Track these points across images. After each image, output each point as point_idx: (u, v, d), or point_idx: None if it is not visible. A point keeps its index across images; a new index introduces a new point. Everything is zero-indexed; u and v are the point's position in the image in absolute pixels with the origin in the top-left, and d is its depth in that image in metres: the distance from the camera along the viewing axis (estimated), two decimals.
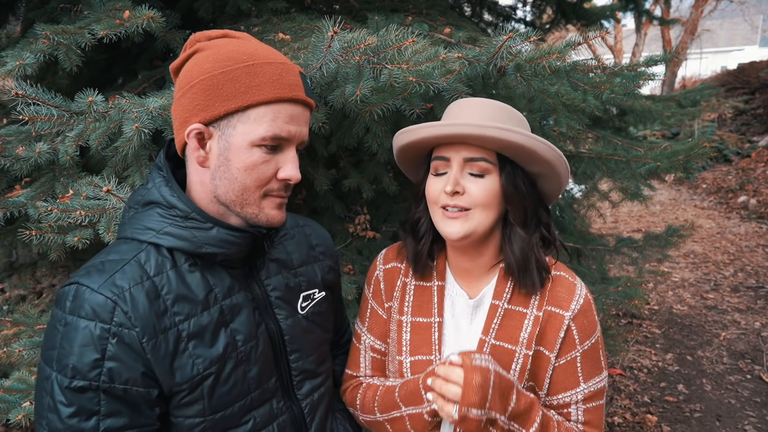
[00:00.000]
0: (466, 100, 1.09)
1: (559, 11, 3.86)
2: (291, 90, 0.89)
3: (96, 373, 0.81)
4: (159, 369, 0.86)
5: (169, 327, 0.87)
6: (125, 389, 0.83)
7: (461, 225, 1.03)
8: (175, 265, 0.90)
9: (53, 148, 1.42)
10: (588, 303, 1.10)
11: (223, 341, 0.92)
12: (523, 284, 1.08)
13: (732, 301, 5.22)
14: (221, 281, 0.94)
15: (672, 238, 2.87)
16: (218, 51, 0.88)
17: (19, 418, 1.37)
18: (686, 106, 3.55)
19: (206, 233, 0.90)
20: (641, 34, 16.60)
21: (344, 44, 1.28)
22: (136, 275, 0.87)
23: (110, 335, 0.82)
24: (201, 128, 0.88)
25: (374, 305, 1.24)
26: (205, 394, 0.90)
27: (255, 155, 0.88)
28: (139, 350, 0.84)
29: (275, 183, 0.92)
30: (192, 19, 2.03)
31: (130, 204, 0.95)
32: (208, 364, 0.90)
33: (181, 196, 0.90)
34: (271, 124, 0.87)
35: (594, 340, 1.10)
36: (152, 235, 0.89)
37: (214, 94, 0.86)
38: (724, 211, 8.78)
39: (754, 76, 12.92)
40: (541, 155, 1.01)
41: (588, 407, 1.09)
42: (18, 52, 1.40)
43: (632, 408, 3.51)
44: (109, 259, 0.88)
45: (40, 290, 2.37)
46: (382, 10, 2.12)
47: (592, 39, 1.32)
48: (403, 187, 2.21)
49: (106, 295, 0.83)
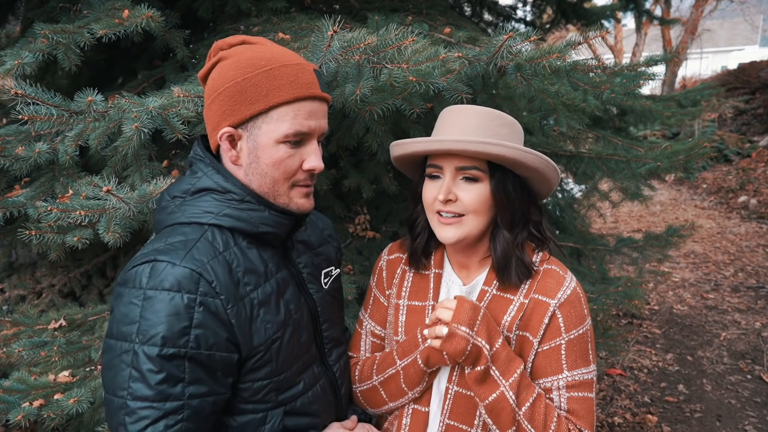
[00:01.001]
0: (457, 108, 1.13)
1: (559, 11, 3.86)
2: (308, 88, 0.97)
3: (184, 340, 0.88)
4: (241, 334, 0.95)
5: (243, 296, 0.96)
6: (210, 355, 0.91)
7: (455, 230, 1.10)
8: (236, 242, 0.99)
9: (53, 148, 1.42)
10: (576, 295, 1.13)
11: (283, 310, 1.03)
12: (503, 279, 1.14)
13: (732, 301, 5.22)
14: (271, 258, 1.04)
15: (672, 238, 2.87)
16: (239, 58, 0.97)
17: (18, 418, 1.37)
18: (686, 106, 3.56)
19: (261, 214, 1.00)
20: (641, 34, 16.60)
21: (344, 44, 1.28)
22: (210, 250, 0.95)
23: (197, 304, 0.90)
24: (231, 131, 0.98)
25: (376, 293, 1.32)
26: (273, 357, 1.00)
27: (281, 151, 0.97)
28: (224, 317, 0.92)
29: (301, 174, 1.01)
30: (191, 19, 2.03)
31: (174, 194, 1.02)
32: (276, 329, 1.00)
33: (235, 182, 1.00)
34: (293, 122, 0.96)
35: (581, 332, 1.12)
36: (212, 217, 0.98)
37: (239, 99, 0.96)
38: (725, 211, 8.78)
39: (755, 75, 12.91)
40: (527, 164, 1.06)
41: (572, 396, 1.10)
42: (17, 52, 1.40)
43: (632, 408, 3.51)
44: (176, 240, 0.95)
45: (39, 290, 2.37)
46: (382, 10, 2.12)
47: (592, 39, 1.32)
48: (403, 187, 2.21)
49: (190, 268, 0.90)
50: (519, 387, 1.05)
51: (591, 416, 1.11)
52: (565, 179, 3.46)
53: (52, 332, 1.65)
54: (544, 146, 2.52)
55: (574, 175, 2.87)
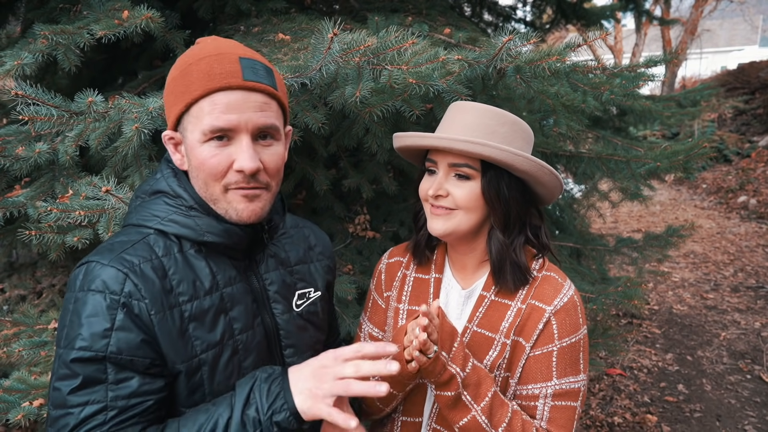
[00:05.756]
0: (460, 105, 1.14)
1: (559, 11, 3.85)
2: (222, 79, 0.87)
3: (104, 343, 0.83)
4: (165, 344, 0.89)
5: (173, 305, 0.90)
6: (132, 359, 0.86)
7: (443, 222, 1.11)
8: (181, 249, 0.94)
9: (53, 148, 1.42)
10: (573, 303, 1.13)
11: (221, 327, 0.95)
12: (500, 282, 1.14)
13: (732, 301, 5.22)
14: (223, 270, 0.97)
15: (672, 238, 2.88)
16: (176, 60, 0.95)
17: (18, 418, 1.37)
18: (686, 106, 3.55)
19: (207, 222, 0.94)
20: (641, 34, 16.60)
21: (344, 46, 1.28)
22: (146, 253, 0.90)
23: (120, 305, 0.85)
24: (171, 133, 0.95)
25: (375, 296, 1.33)
26: (205, 380, 0.93)
27: (204, 151, 0.90)
28: (147, 322, 0.87)
29: (233, 175, 0.91)
30: (192, 19, 2.03)
31: (138, 194, 1.00)
32: (206, 347, 0.93)
33: (187, 188, 0.95)
34: (209, 117, 0.88)
35: (575, 340, 1.11)
36: (157, 222, 0.94)
37: (168, 100, 0.93)
38: (724, 211, 8.78)
39: (754, 76, 12.91)
40: (515, 166, 1.06)
41: (556, 404, 1.09)
42: (16, 52, 1.40)
43: (632, 408, 3.51)
44: (117, 240, 0.92)
45: (39, 290, 2.37)
46: (382, 11, 2.12)
47: (592, 41, 1.32)
48: (403, 187, 2.21)
49: (117, 268, 0.86)
50: (491, 409, 1.04)
51: (570, 425, 1.09)
52: (565, 179, 3.46)
53: (52, 332, 1.65)
54: (544, 146, 2.52)
55: (573, 175, 2.87)
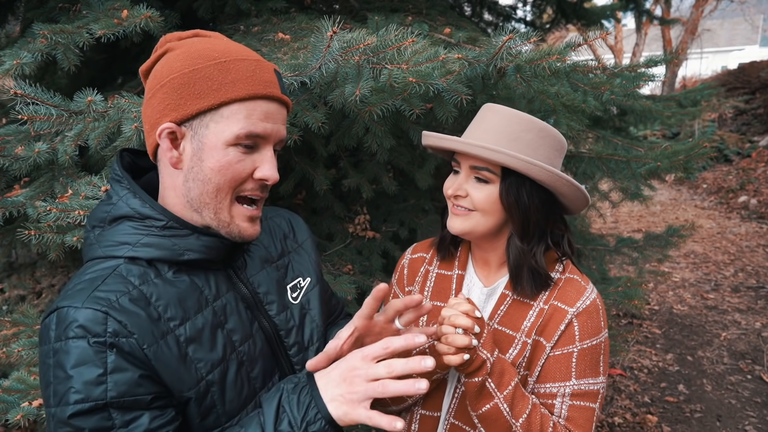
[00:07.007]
0: (489, 108, 1.15)
1: (559, 11, 3.85)
2: (266, 87, 0.86)
3: (101, 390, 0.76)
4: (165, 375, 0.82)
5: (166, 332, 0.83)
6: (136, 399, 0.79)
7: (461, 222, 1.13)
8: (159, 274, 0.87)
9: (52, 148, 1.42)
10: (595, 306, 1.13)
11: (221, 343, 0.89)
12: (517, 287, 1.15)
13: (732, 302, 5.22)
14: (208, 283, 0.91)
15: (672, 238, 2.87)
16: (189, 49, 0.86)
17: (17, 418, 1.37)
18: (686, 106, 3.55)
19: (186, 240, 0.87)
20: (641, 33, 16.59)
21: (344, 44, 1.28)
22: (121, 286, 0.82)
23: (107, 347, 0.77)
24: (173, 127, 0.84)
25: (396, 290, 1.35)
26: (217, 401, 0.88)
27: (230, 155, 0.84)
28: (142, 357, 0.80)
29: (251, 183, 0.88)
30: (191, 19, 2.03)
31: (93, 223, 0.89)
32: (210, 368, 0.87)
33: (154, 206, 0.87)
34: (246, 122, 0.84)
35: (596, 342, 1.12)
36: (128, 249, 0.85)
37: (185, 92, 0.83)
38: (725, 211, 8.78)
39: (755, 75, 12.91)
40: (534, 176, 1.06)
41: (574, 404, 1.09)
42: (16, 52, 1.40)
43: (632, 408, 3.51)
44: (85, 279, 0.83)
45: (39, 290, 2.37)
46: (381, 10, 2.11)
47: (592, 40, 1.32)
48: (403, 187, 2.21)
49: (93, 308, 0.78)
50: (513, 399, 1.05)
51: (589, 425, 1.10)
52: None
53: None
54: None
55: (574, 175, 2.86)
